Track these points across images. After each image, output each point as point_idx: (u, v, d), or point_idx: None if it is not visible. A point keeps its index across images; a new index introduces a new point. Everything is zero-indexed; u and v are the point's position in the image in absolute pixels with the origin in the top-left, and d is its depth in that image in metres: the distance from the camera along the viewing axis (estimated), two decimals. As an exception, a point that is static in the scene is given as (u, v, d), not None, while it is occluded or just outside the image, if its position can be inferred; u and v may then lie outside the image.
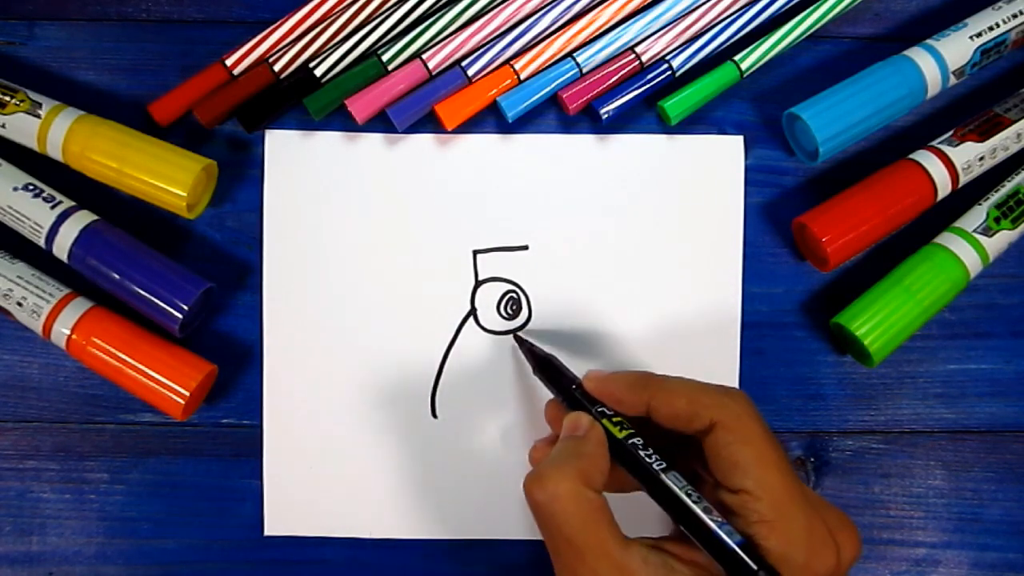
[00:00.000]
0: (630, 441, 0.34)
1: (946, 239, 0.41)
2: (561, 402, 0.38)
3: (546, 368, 0.39)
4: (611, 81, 0.42)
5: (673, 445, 0.35)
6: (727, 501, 0.32)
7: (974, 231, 0.41)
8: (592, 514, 0.32)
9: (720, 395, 0.34)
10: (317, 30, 0.41)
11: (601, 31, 0.42)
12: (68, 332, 0.39)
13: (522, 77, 0.42)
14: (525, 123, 0.43)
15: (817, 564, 0.31)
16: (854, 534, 0.34)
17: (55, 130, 0.39)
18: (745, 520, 0.32)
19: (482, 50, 0.42)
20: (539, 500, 0.32)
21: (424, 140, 0.42)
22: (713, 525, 0.31)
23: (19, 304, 0.39)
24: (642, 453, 0.34)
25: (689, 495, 0.32)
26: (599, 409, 0.36)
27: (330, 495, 0.42)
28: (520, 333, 0.42)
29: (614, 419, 0.35)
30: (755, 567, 0.30)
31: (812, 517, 0.32)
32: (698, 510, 0.32)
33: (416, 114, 0.41)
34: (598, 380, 0.36)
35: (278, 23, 0.41)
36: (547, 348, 0.41)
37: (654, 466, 0.33)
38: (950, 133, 0.41)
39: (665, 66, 0.42)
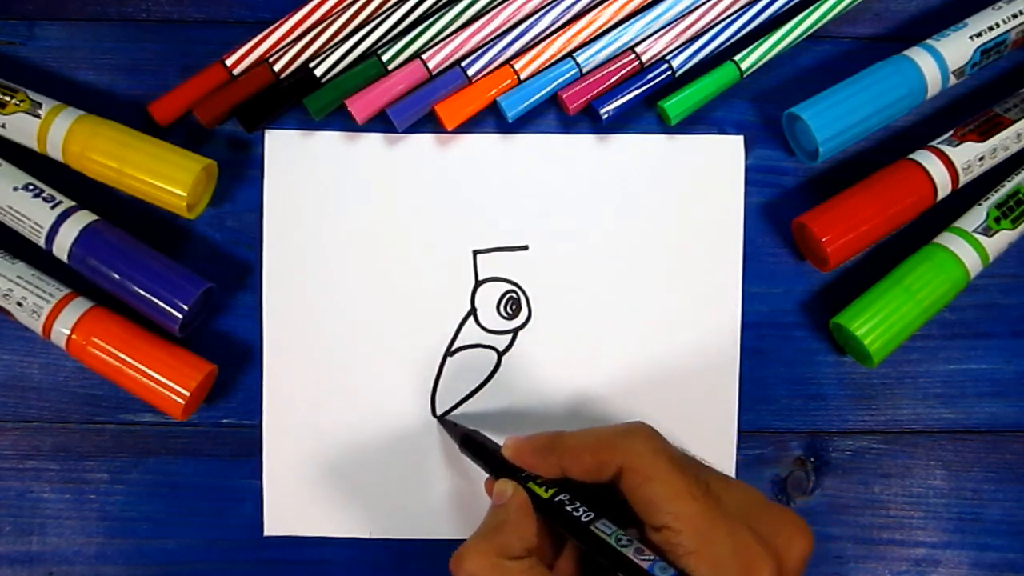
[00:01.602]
0: (556, 499, 0.34)
1: (946, 239, 0.41)
2: (489, 474, 0.38)
3: (468, 444, 0.39)
4: (611, 81, 0.42)
5: (604, 496, 0.35)
6: (654, 539, 0.32)
7: (974, 231, 0.41)
8: None
9: (619, 438, 0.34)
10: (317, 30, 0.41)
11: (601, 31, 0.42)
12: (68, 332, 0.39)
13: (522, 77, 0.42)
14: (525, 123, 0.43)
15: None
16: (799, 529, 0.34)
17: (55, 130, 0.39)
18: (673, 555, 0.32)
19: (482, 50, 0.42)
20: None
21: (424, 140, 0.42)
22: (644, 564, 0.31)
23: (19, 304, 0.39)
24: (568, 508, 0.34)
25: (619, 540, 0.32)
26: (524, 474, 0.36)
27: (330, 495, 0.42)
28: (442, 415, 0.42)
29: (538, 480, 0.35)
30: None
31: (738, 534, 0.32)
32: (628, 552, 0.32)
33: (416, 114, 0.41)
34: (514, 448, 0.36)
35: (278, 23, 0.41)
36: (547, 348, 0.41)
37: (582, 519, 0.33)
38: (950, 133, 0.41)
39: (665, 66, 0.42)
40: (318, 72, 0.41)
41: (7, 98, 0.40)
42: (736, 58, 0.42)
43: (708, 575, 0.31)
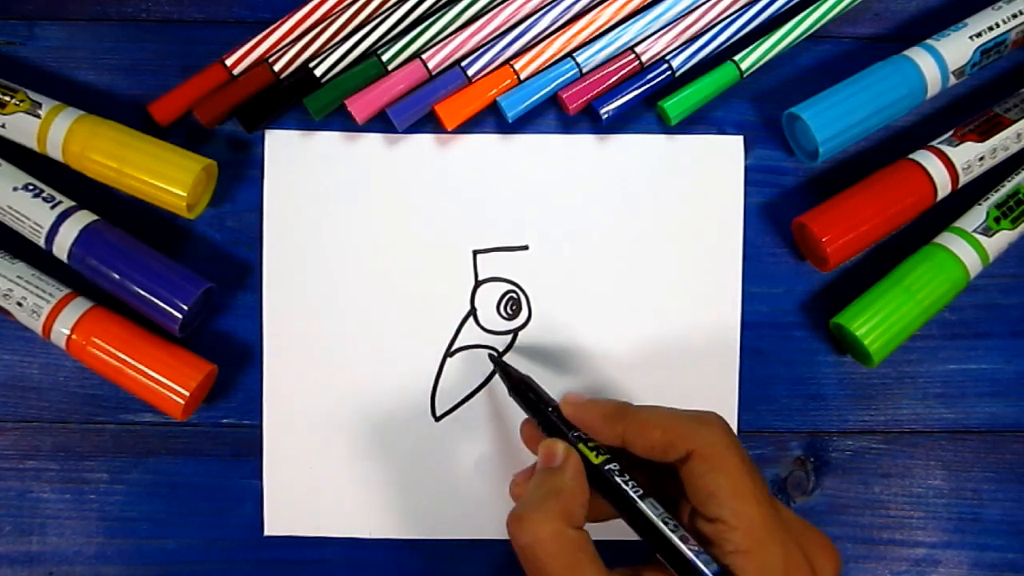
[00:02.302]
0: (606, 467, 0.34)
1: (946, 239, 0.41)
2: (537, 425, 0.37)
3: (521, 390, 0.38)
4: (611, 81, 0.42)
5: (651, 470, 0.35)
6: (704, 530, 0.32)
7: (974, 231, 0.41)
8: (574, 554, 0.32)
9: (696, 424, 0.34)
10: (317, 30, 0.41)
11: (601, 31, 0.42)
12: (68, 332, 0.39)
13: (522, 77, 0.42)
14: (525, 123, 0.43)
15: None
16: (832, 555, 0.34)
17: (55, 130, 0.39)
18: (721, 549, 0.32)
19: (482, 50, 0.42)
20: (521, 543, 0.32)
21: (424, 140, 0.42)
22: (690, 553, 0.31)
23: (19, 304, 0.39)
24: (618, 479, 0.33)
25: (666, 523, 0.32)
26: (575, 434, 0.35)
27: (330, 495, 0.42)
28: (495, 353, 0.41)
29: (590, 444, 0.35)
30: None
31: (788, 545, 0.32)
32: (675, 538, 0.32)
33: (416, 114, 0.41)
34: (575, 405, 0.36)
35: (278, 23, 0.41)
36: (547, 348, 0.41)
37: (631, 493, 0.33)
38: (950, 133, 0.41)
39: (665, 66, 0.42)
40: (318, 72, 0.41)
41: (7, 98, 0.40)
42: (736, 58, 0.42)
43: None
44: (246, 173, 0.42)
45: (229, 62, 0.41)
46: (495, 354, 0.41)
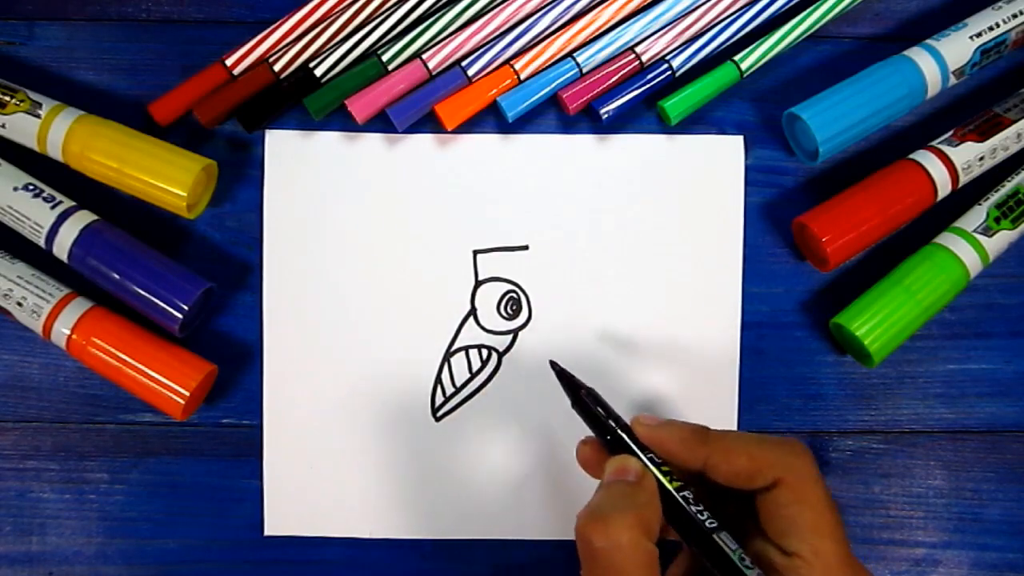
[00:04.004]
0: (681, 494, 0.33)
1: (946, 239, 0.41)
2: (603, 444, 0.35)
3: (587, 404, 0.36)
4: (611, 81, 0.42)
5: (716, 493, 0.34)
6: (776, 561, 0.32)
7: (974, 231, 0.41)
8: (648, 567, 0.31)
9: (782, 452, 0.33)
10: (317, 30, 0.41)
11: (601, 31, 0.42)
12: (68, 332, 0.39)
13: (522, 77, 0.42)
14: (525, 123, 0.43)
15: None
16: None
17: (55, 130, 0.39)
18: None
19: (482, 50, 0.42)
20: (599, 546, 0.30)
21: (424, 140, 0.42)
22: None
23: (19, 304, 0.39)
24: (693, 508, 0.32)
25: (742, 560, 0.31)
26: (648, 455, 0.34)
27: (330, 495, 0.42)
28: (554, 359, 0.38)
29: (663, 468, 0.33)
30: None
31: None
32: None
33: (416, 114, 0.41)
34: (650, 427, 0.34)
35: (278, 23, 0.41)
36: (547, 348, 0.41)
37: (706, 524, 0.32)
38: (950, 133, 0.41)
39: (665, 66, 0.42)
40: (318, 72, 0.41)
41: (7, 98, 0.40)
42: (736, 58, 0.42)
43: None
44: (246, 173, 0.42)
45: (229, 62, 0.41)
46: (557, 363, 0.38)
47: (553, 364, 0.38)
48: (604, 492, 0.32)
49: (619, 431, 0.35)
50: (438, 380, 0.42)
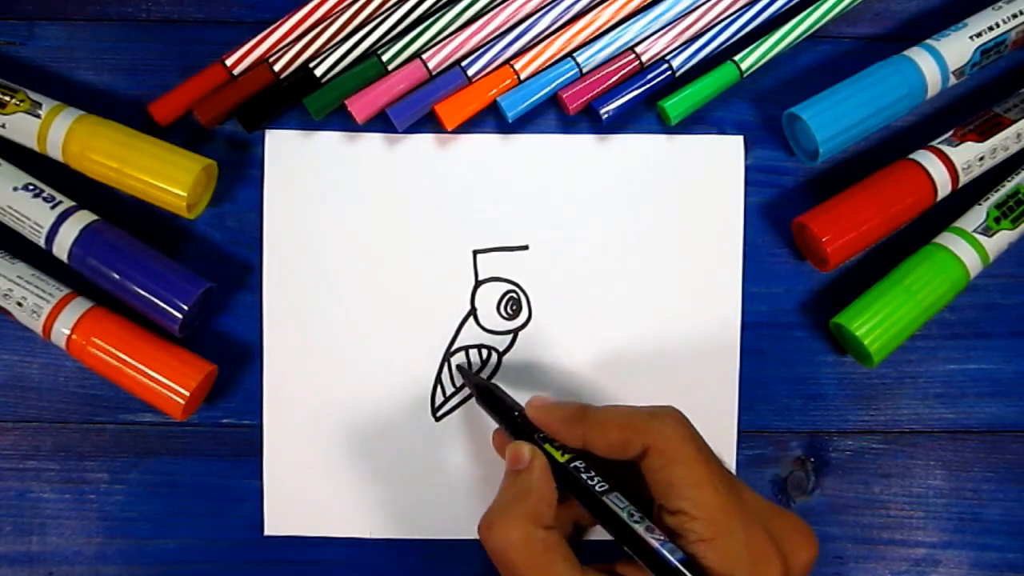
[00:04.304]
0: (572, 464, 0.34)
1: (946, 239, 0.41)
2: (504, 430, 0.38)
3: (487, 396, 0.39)
4: (611, 81, 0.42)
5: (619, 469, 0.35)
6: (668, 522, 0.33)
7: (974, 231, 0.41)
8: (545, 554, 0.32)
9: (650, 419, 0.34)
10: (317, 30, 0.41)
11: (601, 31, 0.42)
12: (68, 332, 0.39)
13: (522, 77, 0.42)
14: (525, 123, 0.43)
15: None
16: (807, 537, 0.34)
17: (55, 130, 0.39)
18: (685, 540, 0.32)
19: (482, 50, 0.42)
20: (493, 547, 0.33)
21: (424, 140, 0.42)
22: (655, 543, 0.32)
23: (19, 304, 0.39)
24: (584, 476, 0.34)
25: (631, 515, 0.32)
26: (540, 435, 0.36)
27: (330, 495, 0.42)
28: (460, 363, 0.42)
29: (555, 444, 0.36)
30: None
31: (752, 531, 0.32)
32: (639, 529, 0.32)
33: (416, 114, 0.41)
34: (538, 409, 0.37)
35: (278, 23, 0.41)
36: (547, 348, 0.41)
37: (596, 488, 0.34)
38: (950, 133, 0.41)
39: (665, 66, 0.42)
40: (318, 72, 0.41)
41: (7, 98, 0.40)
42: (736, 58, 0.42)
43: (717, 564, 0.31)
44: (246, 173, 0.42)
45: (229, 62, 0.41)
46: (463, 366, 0.42)
47: (459, 367, 0.41)
48: (500, 490, 0.35)
49: (513, 418, 0.37)
50: (438, 380, 0.42)
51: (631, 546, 0.32)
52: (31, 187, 0.40)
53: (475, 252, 0.42)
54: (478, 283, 0.42)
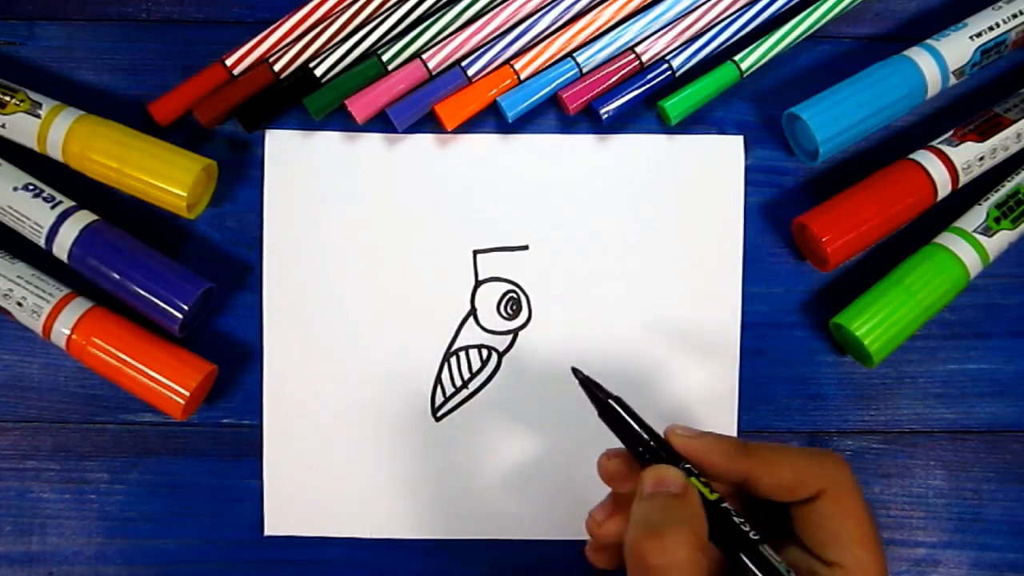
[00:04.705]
0: (722, 506, 0.31)
1: (946, 239, 0.41)
2: (634, 455, 0.33)
3: (616, 414, 0.34)
4: (611, 81, 0.42)
5: (747, 507, 0.33)
6: (817, 572, 0.31)
7: (974, 231, 0.41)
8: None
9: (825, 463, 0.32)
10: (317, 30, 0.41)
11: (601, 31, 0.42)
12: (68, 332, 0.39)
13: (522, 77, 0.42)
14: (525, 123, 0.43)
15: None
16: None
17: (55, 130, 0.39)
18: None
19: (482, 50, 0.42)
20: (655, 563, 0.29)
21: (424, 140, 0.42)
22: None
23: (19, 304, 0.39)
24: (736, 519, 0.31)
25: (788, 572, 0.30)
26: (686, 466, 0.32)
27: (330, 495, 0.42)
28: (576, 366, 0.36)
29: (701, 479, 0.32)
30: None
31: None
32: None
33: (416, 114, 0.41)
34: (688, 438, 0.33)
35: (278, 23, 0.41)
36: (547, 348, 0.41)
37: (751, 535, 0.31)
38: (950, 133, 0.41)
39: (665, 66, 0.42)
40: (318, 72, 0.41)
41: (7, 98, 0.40)
42: (736, 58, 0.42)
43: None
44: (246, 173, 0.42)
45: (229, 62, 0.41)
46: (580, 371, 0.36)
47: (576, 372, 0.36)
48: (650, 505, 0.31)
49: (654, 442, 0.33)
50: (438, 380, 0.42)
51: None
52: (31, 187, 0.40)
53: (475, 252, 0.42)
54: (478, 283, 0.42)
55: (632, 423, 0.33)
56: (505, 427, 0.42)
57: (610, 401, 0.34)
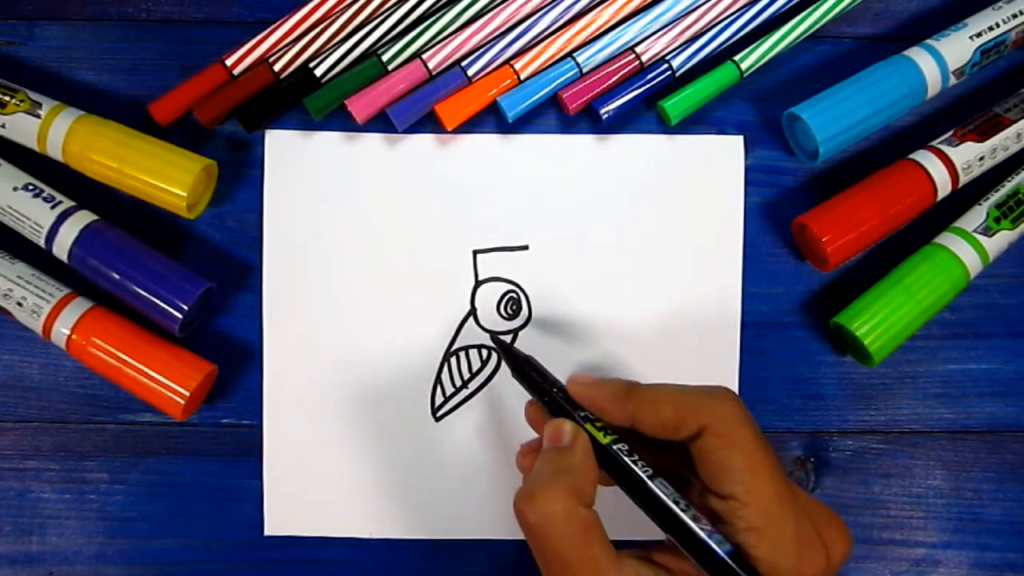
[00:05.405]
0: (615, 447, 0.33)
1: (946, 239, 0.41)
2: (542, 406, 0.36)
3: (525, 371, 0.38)
4: (611, 81, 0.42)
5: (656, 448, 0.34)
6: (715, 507, 0.32)
7: (974, 231, 0.41)
8: (585, 533, 0.31)
9: (707, 399, 0.33)
10: (317, 30, 0.41)
11: (601, 31, 0.42)
12: (68, 332, 0.39)
13: (522, 77, 0.42)
14: (525, 123, 0.43)
15: (806, 568, 0.31)
16: (843, 531, 0.34)
17: (55, 130, 0.39)
18: (733, 527, 0.31)
19: (482, 50, 0.42)
20: (531, 521, 0.31)
21: (424, 140, 0.42)
22: (702, 534, 0.31)
23: (19, 304, 0.39)
24: (627, 459, 0.33)
25: (677, 503, 0.31)
26: (582, 414, 0.35)
27: (330, 495, 0.42)
28: (501, 336, 0.41)
29: (597, 424, 0.34)
30: None
31: (801, 521, 0.32)
32: (687, 518, 0.31)
33: (416, 114, 0.41)
34: (582, 385, 0.35)
35: (278, 23, 0.41)
36: (547, 348, 0.41)
37: (640, 473, 0.32)
38: (950, 133, 0.41)
39: (665, 66, 0.42)
40: (318, 72, 0.41)
41: (7, 98, 0.40)
42: (736, 58, 0.42)
43: (766, 555, 0.31)
44: (246, 173, 0.42)
45: (229, 62, 0.41)
46: (498, 336, 0.40)
47: (494, 337, 0.40)
48: (541, 461, 0.33)
49: (553, 393, 0.36)
50: (438, 380, 0.42)
51: (676, 534, 0.31)
52: (31, 187, 0.40)
53: (475, 252, 0.42)
54: (478, 283, 0.42)
55: (537, 377, 0.37)
56: (505, 427, 0.42)
57: (520, 360, 0.38)
